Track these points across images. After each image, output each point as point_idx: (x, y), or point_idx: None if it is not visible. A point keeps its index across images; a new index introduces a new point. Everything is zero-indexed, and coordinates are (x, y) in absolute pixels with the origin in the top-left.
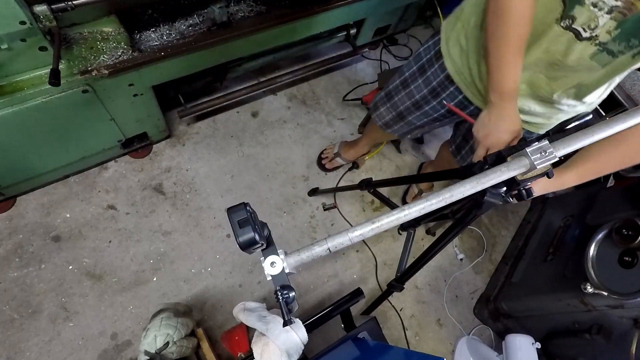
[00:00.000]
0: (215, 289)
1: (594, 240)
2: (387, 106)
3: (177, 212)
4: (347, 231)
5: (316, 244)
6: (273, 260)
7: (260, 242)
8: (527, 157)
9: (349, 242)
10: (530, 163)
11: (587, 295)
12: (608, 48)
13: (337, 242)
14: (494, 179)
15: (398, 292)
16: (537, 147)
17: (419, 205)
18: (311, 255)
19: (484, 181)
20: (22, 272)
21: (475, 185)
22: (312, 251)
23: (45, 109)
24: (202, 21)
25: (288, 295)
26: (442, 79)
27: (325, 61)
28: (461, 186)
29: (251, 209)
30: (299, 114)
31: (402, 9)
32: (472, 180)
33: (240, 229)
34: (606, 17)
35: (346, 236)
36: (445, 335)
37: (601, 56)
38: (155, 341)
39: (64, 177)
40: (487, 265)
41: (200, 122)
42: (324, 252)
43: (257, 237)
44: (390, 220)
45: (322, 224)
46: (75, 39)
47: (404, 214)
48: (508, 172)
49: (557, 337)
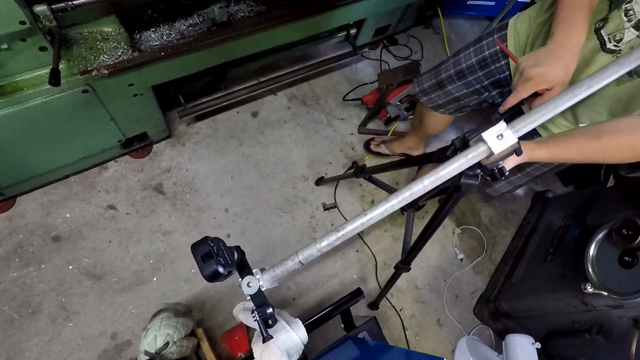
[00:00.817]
0: (215, 289)
1: (594, 240)
2: (430, 73)
3: (177, 212)
4: (315, 242)
5: (288, 258)
6: (249, 281)
7: (225, 272)
8: (484, 142)
9: (318, 253)
10: (488, 149)
11: (587, 295)
12: None
13: (306, 254)
14: (451, 172)
15: (406, 272)
16: (494, 132)
17: (379, 209)
18: (285, 270)
19: (442, 175)
20: (22, 272)
21: (435, 181)
22: (285, 266)
23: (45, 109)
24: (202, 21)
25: (265, 312)
26: (498, 51)
27: (325, 61)
28: (420, 182)
29: (213, 242)
30: (299, 114)
31: (402, 9)
32: (431, 175)
33: (203, 263)
34: (632, 33)
35: (314, 247)
36: (445, 335)
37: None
38: (155, 341)
39: (64, 177)
40: (487, 265)
41: (200, 122)
42: (296, 265)
43: (221, 269)
44: (354, 227)
45: (322, 224)
46: (75, 39)
47: (367, 219)
48: (467, 162)
49: (557, 337)
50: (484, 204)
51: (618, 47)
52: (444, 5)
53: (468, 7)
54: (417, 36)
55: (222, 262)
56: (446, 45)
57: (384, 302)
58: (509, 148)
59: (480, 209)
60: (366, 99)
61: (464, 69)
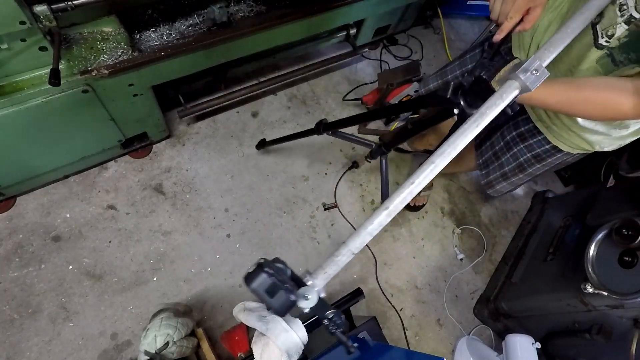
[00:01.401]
0: (215, 289)
1: (594, 240)
2: (436, 74)
3: (177, 212)
4: (363, 227)
5: (338, 253)
6: (306, 294)
7: (294, 298)
8: (518, 80)
9: (369, 237)
10: (524, 86)
11: (587, 295)
12: (613, 55)
13: (358, 243)
14: (491, 115)
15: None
16: (525, 66)
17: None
18: (338, 267)
19: (483, 121)
20: (22, 272)
21: (474, 128)
22: (337, 263)
23: (45, 109)
24: (202, 21)
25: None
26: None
27: (325, 61)
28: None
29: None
30: (299, 114)
31: (402, 9)
32: (471, 123)
33: (271, 298)
34: (623, 28)
35: (364, 233)
36: (445, 335)
37: (605, 61)
38: (155, 341)
39: (64, 177)
40: (487, 265)
41: (200, 122)
42: (349, 258)
43: (293, 297)
44: (403, 199)
45: (322, 223)
46: (75, 39)
47: (415, 185)
48: (502, 103)
49: (557, 337)
50: (484, 204)
51: (609, 43)
52: (444, 5)
53: (468, 7)
54: (417, 36)
55: (289, 287)
56: (446, 45)
57: (384, 302)
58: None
59: (480, 209)
60: (366, 99)
61: (463, 54)
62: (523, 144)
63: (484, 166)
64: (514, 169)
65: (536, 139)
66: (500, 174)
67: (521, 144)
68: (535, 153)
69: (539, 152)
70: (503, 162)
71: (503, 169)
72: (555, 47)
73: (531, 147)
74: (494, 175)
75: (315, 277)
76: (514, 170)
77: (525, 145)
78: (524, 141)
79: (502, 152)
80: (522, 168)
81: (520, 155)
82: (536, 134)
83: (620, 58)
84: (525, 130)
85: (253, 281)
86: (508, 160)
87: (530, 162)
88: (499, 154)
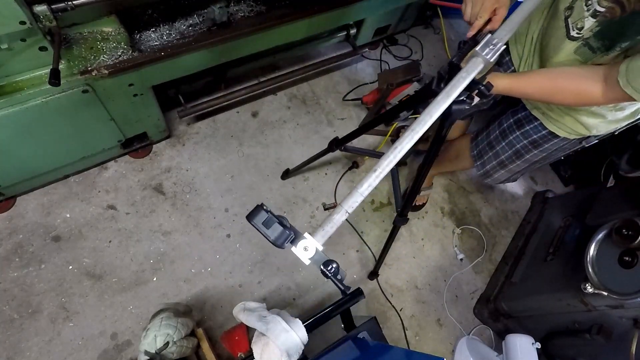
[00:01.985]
0: (215, 289)
1: (594, 240)
2: None
3: (177, 212)
4: (356, 188)
5: (334, 212)
6: (305, 245)
7: (290, 233)
8: (479, 55)
9: (361, 197)
10: (485, 59)
11: (587, 295)
12: (589, 43)
13: (351, 202)
14: (460, 87)
15: (404, 224)
16: (485, 43)
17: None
18: (334, 225)
19: (453, 92)
20: (22, 272)
21: (446, 98)
22: (333, 221)
23: (45, 109)
24: (202, 21)
25: (333, 267)
26: None
27: (325, 61)
28: (435, 105)
29: (268, 208)
30: (299, 114)
31: (402, 9)
32: (444, 94)
33: (268, 229)
34: (591, 21)
35: (357, 193)
36: (445, 335)
37: (583, 50)
38: (155, 341)
39: (64, 177)
40: (487, 265)
41: (200, 122)
42: (344, 216)
43: (288, 231)
44: (389, 162)
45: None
46: (75, 39)
47: (398, 151)
48: (469, 76)
49: (557, 337)
50: (484, 204)
51: (580, 35)
52: (444, 5)
53: None
54: (417, 36)
55: (282, 221)
56: (446, 45)
57: (384, 302)
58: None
59: (480, 209)
60: (366, 99)
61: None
62: (519, 131)
63: (478, 157)
64: (511, 156)
65: (532, 124)
66: (497, 163)
67: (517, 131)
68: (532, 139)
69: (535, 139)
70: (499, 151)
71: (499, 157)
72: (510, 27)
73: (527, 134)
74: (491, 164)
75: (314, 235)
76: (511, 157)
77: (521, 132)
78: (520, 128)
79: (497, 140)
80: (519, 154)
81: (517, 142)
82: (532, 119)
83: (597, 45)
84: (522, 117)
85: (253, 215)
86: (504, 149)
87: (527, 148)
88: (493, 143)
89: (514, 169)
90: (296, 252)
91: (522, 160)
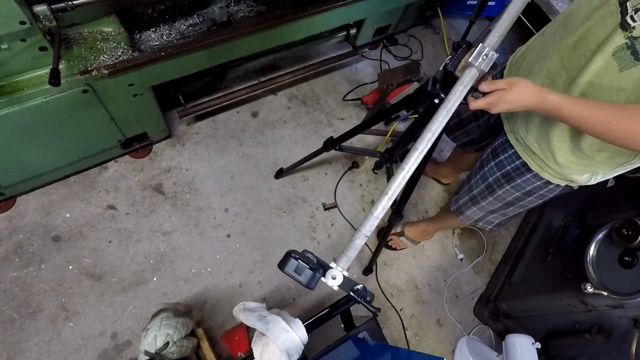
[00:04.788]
0: (215, 289)
1: (594, 240)
2: None
3: (177, 212)
4: (370, 212)
5: (354, 238)
6: (333, 275)
7: (318, 273)
8: (473, 66)
9: (377, 220)
10: (479, 70)
11: (587, 295)
12: (634, 46)
13: (368, 226)
14: (457, 101)
15: (400, 221)
16: (477, 53)
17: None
18: (356, 250)
19: (452, 108)
20: (22, 272)
21: (447, 114)
22: (354, 246)
23: (45, 109)
24: (202, 21)
25: (358, 290)
26: None
27: (325, 61)
28: (437, 121)
29: (297, 255)
30: (299, 114)
31: (402, 9)
32: (442, 109)
33: (300, 275)
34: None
35: (371, 217)
36: (445, 335)
37: (623, 54)
38: (155, 341)
39: (64, 177)
40: (487, 265)
41: (200, 122)
42: (363, 240)
43: (318, 274)
44: (398, 184)
45: (322, 223)
46: (75, 39)
47: (406, 170)
48: (465, 88)
49: (557, 337)
50: None
51: (635, 23)
52: (444, 5)
53: (468, 7)
54: (417, 36)
55: (312, 266)
56: (446, 46)
57: (384, 302)
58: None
59: None
60: (366, 99)
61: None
62: (494, 161)
63: (455, 192)
64: (483, 190)
65: (507, 153)
66: (469, 198)
67: (492, 161)
68: (505, 171)
69: (508, 170)
70: (472, 185)
71: (472, 192)
72: (499, 32)
73: (501, 164)
74: (463, 199)
75: (339, 261)
76: (483, 192)
77: (495, 163)
78: (495, 157)
79: (474, 173)
80: (491, 189)
81: (490, 175)
82: (507, 147)
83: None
84: (498, 144)
85: (284, 264)
86: (477, 182)
87: (499, 182)
88: (470, 176)
89: (486, 207)
90: (326, 282)
91: (494, 197)
